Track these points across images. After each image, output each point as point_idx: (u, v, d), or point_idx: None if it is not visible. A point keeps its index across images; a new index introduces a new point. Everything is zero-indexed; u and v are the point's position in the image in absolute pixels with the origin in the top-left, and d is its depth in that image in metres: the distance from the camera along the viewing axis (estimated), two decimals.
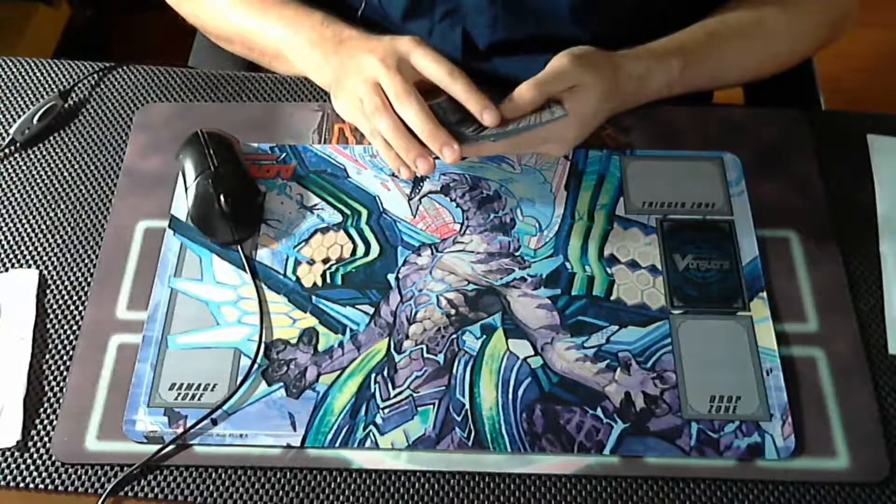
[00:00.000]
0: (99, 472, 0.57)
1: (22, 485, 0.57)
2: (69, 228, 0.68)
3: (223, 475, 0.57)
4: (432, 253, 0.66)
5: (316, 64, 0.68)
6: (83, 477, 0.57)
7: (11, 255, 0.67)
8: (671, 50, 0.68)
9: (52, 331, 0.63)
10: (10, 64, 0.78)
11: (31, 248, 0.67)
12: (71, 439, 0.58)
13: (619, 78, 0.65)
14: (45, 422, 0.59)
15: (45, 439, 0.59)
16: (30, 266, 0.66)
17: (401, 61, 0.61)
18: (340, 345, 0.62)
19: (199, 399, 0.60)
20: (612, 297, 0.64)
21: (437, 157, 0.60)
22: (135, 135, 0.73)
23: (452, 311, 0.63)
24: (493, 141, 0.60)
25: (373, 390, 0.60)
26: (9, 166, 0.71)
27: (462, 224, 0.68)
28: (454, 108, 0.61)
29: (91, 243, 0.67)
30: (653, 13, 0.73)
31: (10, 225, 0.68)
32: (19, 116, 0.73)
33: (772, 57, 0.73)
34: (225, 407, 0.59)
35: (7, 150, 0.72)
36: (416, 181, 0.70)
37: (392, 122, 0.60)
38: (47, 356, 0.62)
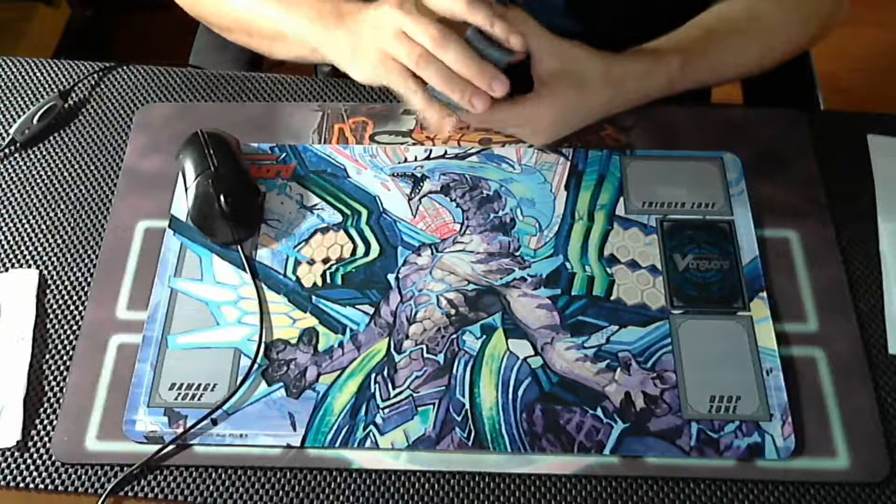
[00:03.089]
0: (99, 472, 0.57)
1: (22, 485, 0.57)
2: (69, 228, 0.68)
3: (223, 475, 0.57)
4: (432, 253, 0.66)
5: (317, 39, 0.67)
6: (83, 477, 0.57)
7: (11, 255, 0.67)
8: (669, 49, 0.68)
9: (52, 331, 0.63)
10: (10, 64, 0.78)
11: (31, 248, 0.67)
12: (71, 439, 0.58)
13: (614, 76, 0.65)
14: (45, 422, 0.59)
15: (45, 439, 0.59)
16: (30, 266, 0.66)
17: (417, 3, 0.60)
18: (340, 345, 0.62)
19: (199, 399, 0.60)
20: (612, 297, 0.64)
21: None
22: (135, 135, 0.73)
23: (452, 311, 0.63)
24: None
25: (373, 390, 0.60)
26: (9, 166, 0.71)
27: (462, 224, 0.68)
28: (480, 38, 0.61)
29: (91, 243, 0.67)
30: (648, 9, 0.74)
31: (10, 225, 0.68)
32: (19, 116, 0.73)
33: (769, 50, 0.73)
34: (225, 407, 0.59)
35: (7, 150, 0.72)
36: (416, 181, 0.70)
37: (440, 65, 0.59)
38: (47, 356, 0.62)
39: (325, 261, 0.66)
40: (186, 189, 0.67)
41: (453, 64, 0.59)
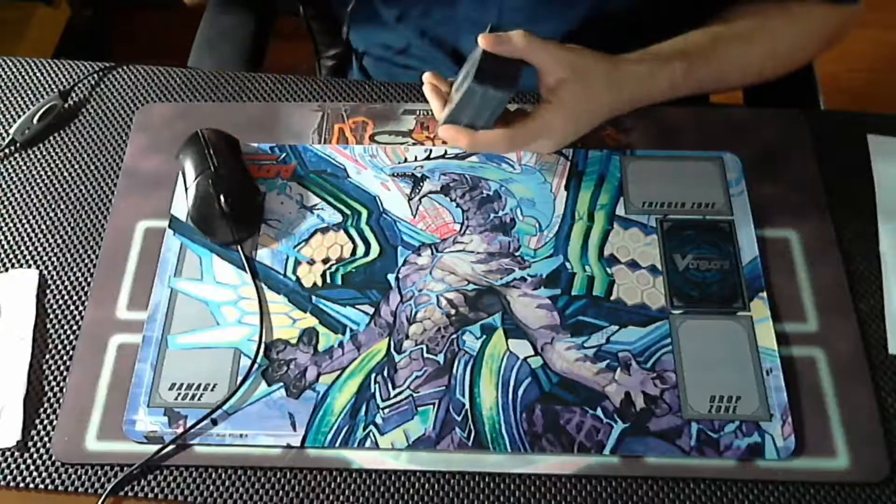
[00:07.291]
0: (99, 472, 0.57)
1: (22, 485, 0.57)
2: (69, 228, 0.68)
3: (223, 475, 0.57)
4: (432, 253, 0.66)
5: None
6: (83, 477, 0.57)
7: (11, 255, 0.67)
8: (674, 53, 0.68)
9: (52, 331, 0.63)
10: (10, 64, 0.78)
11: (31, 248, 0.67)
12: (71, 439, 0.58)
13: (618, 77, 0.65)
14: (45, 422, 0.59)
15: (45, 439, 0.59)
16: (30, 266, 0.66)
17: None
18: (340, 345, 0.62)
19: (199, 399, 0.60)
20: (612, 297, 0.64)
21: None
22: (135, 135, 0.73)
23: (452, 311, 0.63)
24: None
25: (373, 390, 0.60)
26: (9, 166, 0.71)
27: (462, 224, 0.68)
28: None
29: (91, 243, 0.67)
30: (647, 40, 0.73)
31: (10, 225, 0.68)
32: (19, 116, 0.73)
33: (774, 60, 0.72)
34: (225, 407, 0.59)
35: (7, 150, 0.72)
36: (416, 181, 0.70)
37: None
38: (47, 356, 0.62)
39: (325, 261, 0.66)
40: (186, 189, 0.67)
41: None
